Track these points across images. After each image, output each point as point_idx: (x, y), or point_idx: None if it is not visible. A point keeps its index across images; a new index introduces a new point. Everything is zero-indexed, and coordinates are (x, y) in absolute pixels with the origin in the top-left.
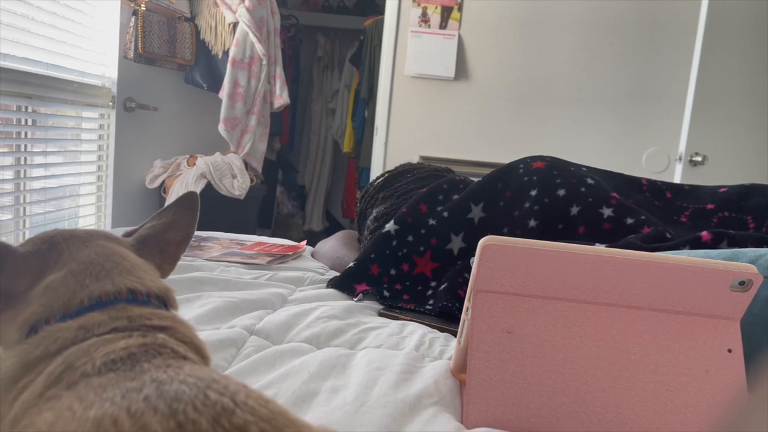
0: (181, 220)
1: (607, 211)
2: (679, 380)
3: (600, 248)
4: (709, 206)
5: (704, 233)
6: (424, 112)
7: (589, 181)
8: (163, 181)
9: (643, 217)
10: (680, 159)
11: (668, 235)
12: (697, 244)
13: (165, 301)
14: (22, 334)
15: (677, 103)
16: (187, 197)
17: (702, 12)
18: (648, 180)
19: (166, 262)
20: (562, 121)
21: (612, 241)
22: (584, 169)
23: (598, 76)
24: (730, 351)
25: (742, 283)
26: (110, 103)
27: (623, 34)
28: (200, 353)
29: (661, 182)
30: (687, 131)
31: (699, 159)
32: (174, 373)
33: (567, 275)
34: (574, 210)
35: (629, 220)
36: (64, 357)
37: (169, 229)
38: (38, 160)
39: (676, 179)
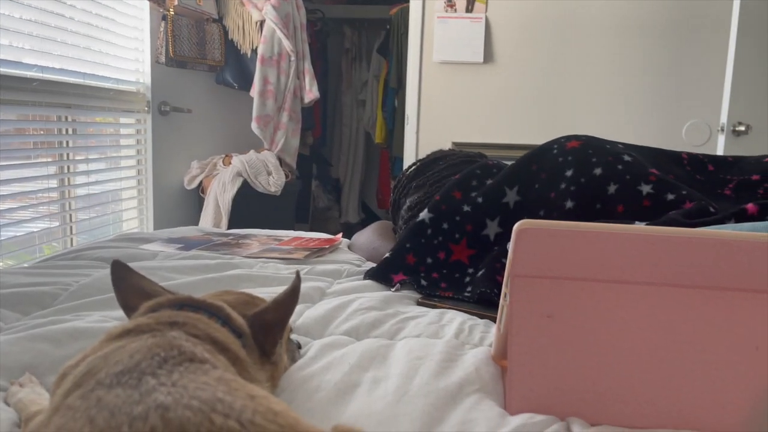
0: (281, 301)
1: (646, 188)
2: (729, 359)
3: (640, 226)
4: (755, 177)
5: (750, 205)
6: (454, 98)
7: (626, 158)
8: (201, 182)
9: (684, 192)
10: (722, 129)
11: (712, 210)
12: (742, 217)
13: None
14: None
15: (717, 71)
16: (295, 277)
17: None
18: (689, 153)
19: (268, 342)
20: (597, 99)
21: (653, 218)
22: (621, 146)
23: (634, 49)
24: None
25: None
26: (146, 108)
27: (660, 10)
28: (219, 346)
29: (703, 155)
30: (728, 100)
31: (742, 128)
32: (179, 395)
33: (607, 256)
34: (612, 188)
35: (670, 196)
36: (88, 361)
37: (270, 310)
38: (81, 167)
39: (719, 151)
